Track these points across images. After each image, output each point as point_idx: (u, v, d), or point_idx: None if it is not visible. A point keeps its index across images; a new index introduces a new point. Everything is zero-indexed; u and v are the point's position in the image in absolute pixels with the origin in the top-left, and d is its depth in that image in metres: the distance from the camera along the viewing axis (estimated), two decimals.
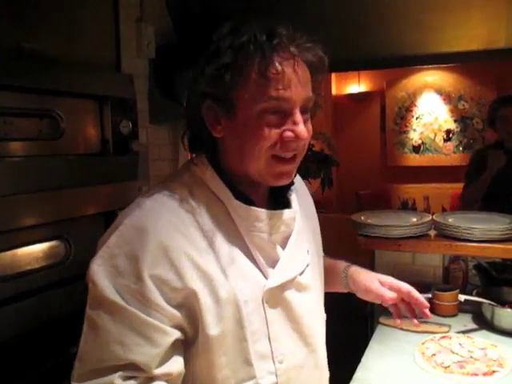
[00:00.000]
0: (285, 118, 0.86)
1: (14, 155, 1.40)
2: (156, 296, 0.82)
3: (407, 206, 4.81)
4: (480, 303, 1.83)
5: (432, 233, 1.99)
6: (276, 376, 0.93)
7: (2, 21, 1.39)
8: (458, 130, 5.70)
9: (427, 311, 1.16)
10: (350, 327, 2.16)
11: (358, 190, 5.79)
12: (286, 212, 0.97)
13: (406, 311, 1.20)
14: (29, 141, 1.45)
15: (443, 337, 1.68)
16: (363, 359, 1.55)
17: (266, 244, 0.94)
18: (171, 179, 0.97)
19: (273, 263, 0.95)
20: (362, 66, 2.73)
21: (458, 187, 5.51)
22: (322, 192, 4.53)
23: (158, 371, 0.84)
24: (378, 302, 1.17)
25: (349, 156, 5.61)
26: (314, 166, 2.79)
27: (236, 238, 0.92)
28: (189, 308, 0.86)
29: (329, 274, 1.21)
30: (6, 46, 1.39)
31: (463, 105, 5.65)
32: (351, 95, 6.05)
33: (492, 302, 1.76)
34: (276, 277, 0.94)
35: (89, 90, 1.62)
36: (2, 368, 1.32)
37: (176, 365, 0.87)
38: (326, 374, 1.08)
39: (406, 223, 1.94)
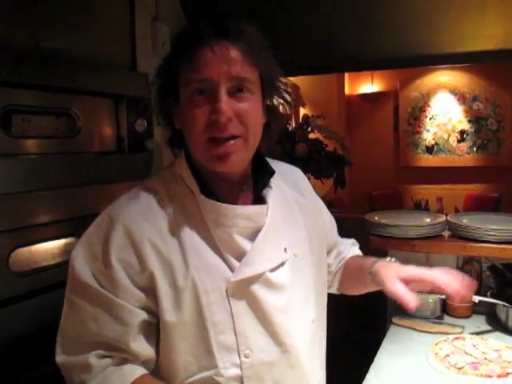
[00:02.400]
0: (210, 98, 0.89)
1: (30, 153, 1.42)
2: (123, 278, 0.89)
3: (420, 207, 4.78)
4: (494, 304, 1.82)
5: (446, 233, 1.98)
6: (241, 369, 0.93)
7: (21, 20, 1.41)
8: (472, 130, 5.66)
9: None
10: (363, 327, 2.16)
11: (370, 190, 5.77)
12: (253, 207, 0.98)
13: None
14: (45, 139, 1.46)
15: (457, 338, 1.67)
16: (376, 359, 1.55)
17: (231, 238, 0.95)
18: (152, 177, 1.04)
19: (239, 257, 0.96)
20: (376, 65, 2.71)
21: (471, 188, 5.51)
22: (335, 192, 4.52)
23: (131, 350, 0.90)
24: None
25: (362, 156, 5.59)
26: (327, 165, 2.78)
27: (204, 231, 0.95)
28: (153, 291, 0.91)
29: (359, 274, 1.19)
30: (25, 44, 1.41)
31: (478, 105, 5.60)
32: (364, 95, 6.03)
33: (506, 304, 1.75)
34: (241, 271, 0.95)
35: (105, 88, 1.64)
36: (15, 364, 1.34)
37: (147, 348, 0.93)
38: (311, 377, 1.05)
39: (420, 223, 1.93)
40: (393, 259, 1.15)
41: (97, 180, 1.63)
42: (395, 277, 1.03)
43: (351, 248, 1.36)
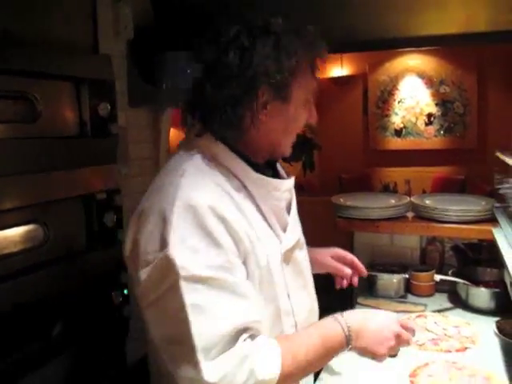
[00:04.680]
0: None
1: None
2: (233, 257, 0.93)
3: (389, 189, 4.86)
4: (455, 283, 1.88)
5: (410, 215, 2.02)
6: (296, 328, 1.07)
7: None
8: (439, 113, 5.75)
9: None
10: (330, 308, 2.20)
11: (340, 173, 5.82)
12: (290, 181, 1.12)
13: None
14: (3, 123, 1.42)
15: (419, 316, 1.73)
16: None
17: (279, 210, 1.08)
18: (183, 161, 1.01)
19: (283, 227, 1.08)
20: (342, 48, 2.72)
21: (438, 171, 5.62)
22: (304, 175, 4.55)
23: (258, 320, 0.94)
24: (334, 273, 1.38)
25: (331, 139, 5.63)
26: (296, 149, 2.78)
27: (253, 205, 1.02)
28: (244, 265, 0.97)
29: None
30: None
31: (444, 89, 5.69)
32: (334, 78, 6.05)
33: (466, 282, 1.81)
34: (289, 239, 1.08)
35: (65, 71, 1.59)
36: None
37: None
38: (317, 316, 1.21)
39: (385, 205, 1.97)
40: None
41: (59, 165, 1.60)
42: (327, 256, 1.35)
43: None
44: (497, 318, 1.64)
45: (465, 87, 5.60)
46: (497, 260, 1.58)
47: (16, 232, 1.47)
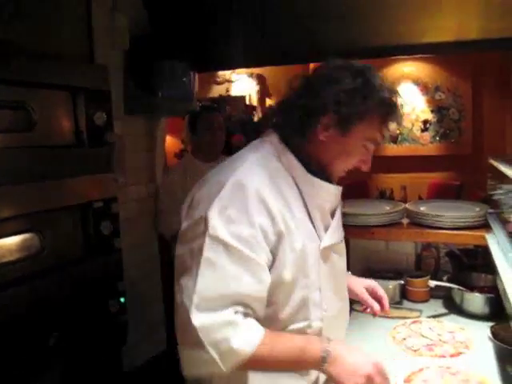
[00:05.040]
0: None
1: None
2: (261, 239, 1.02)
3: (385, 196, 4.86)
4: (450, 289, 1.89)
5: (405, 221, 2.03)
6: (322, 321, 1.14)
7: None
8: (435, 120, 5.77)
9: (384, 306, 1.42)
10: None
11: (337, 180, 5.83)
12: (337, 187, 1.20)
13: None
14: (0, 133, 1.44)
15: (414, 321, 1.73)
16: None
17: (325, 211, 1.18)
18: (252, 149, 1.17)
19: (325, 228, 1.18)
20: (340, 56, 2.75)
21: (434, 177, 5.63)
22: None
23: (262, 307, 1.05)
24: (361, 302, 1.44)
25: None
26: None
27: (301, 204, 1.13)
28: (274, 252, 1.06)
29: None
30: None
31: (440, 95, 5.72)
32: None
33: (461, 287, 1.82)
34: (329, 238, 1.17)
35: (62, 81, 1.61)
36: None
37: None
38: (346, 322, 1.32)
39: (380, 212, 1.98)
40: (349, 272, 1.44)
41: (56, 174, 1.61)
42: (361, 286, 1.40)
43: None
44: (491, 323, 1.64)
45: (460, 94, 5.63)
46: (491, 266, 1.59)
47: (12, 241, 1.48)
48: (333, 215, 1.22)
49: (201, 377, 1.11)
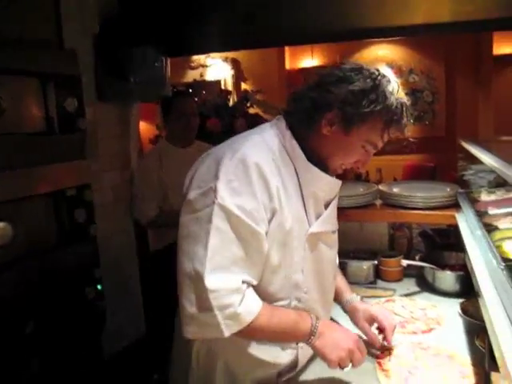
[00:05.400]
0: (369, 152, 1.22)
1: None
2: (262, 212, 1.10)
3: (360, 178, 4.92)
4: (423, 267, 1.94)
5: (378, 202, 2.07)
6: (301, 302, 1.22)
7: None
8: (409, 103, 5.81)
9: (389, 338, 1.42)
10: None
11: None
12: (338, 181, 1.27)
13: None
14: None
15: (388, 300, 1.78)
16: None
17: (318, 200, 1.24)
18: (258, 131, 1.24)
19: (317, 216, 1.24)
20: (312, 39, 2.74)
21: (409, 159, 5.71)
22: None
23: (259, 277, 1.14)
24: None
25: None
26: None
27: (297, 188, 1.19)
28: (268, 227, 1.12)
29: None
30: None
31: (414, 78, 5.78)
32: (304, 69, 6.07)
33: (432, 266, 1.87)
34: (318, 225, 1.23)
35: (30, 67, 1.57)
36: None
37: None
38: (330, 312, 1.41)
39: (353, 193, 2.01)
40: (358, 297, 1.50)
41: (27, 162, 1.58)
42: (363, 319, 1.43)
43: None
44: (461, 300, 1.70)
45: (433, 76, 5.71)
46: None
47: None
48: (327, 206, 1.28)
49: (204, 338, 1.19)
